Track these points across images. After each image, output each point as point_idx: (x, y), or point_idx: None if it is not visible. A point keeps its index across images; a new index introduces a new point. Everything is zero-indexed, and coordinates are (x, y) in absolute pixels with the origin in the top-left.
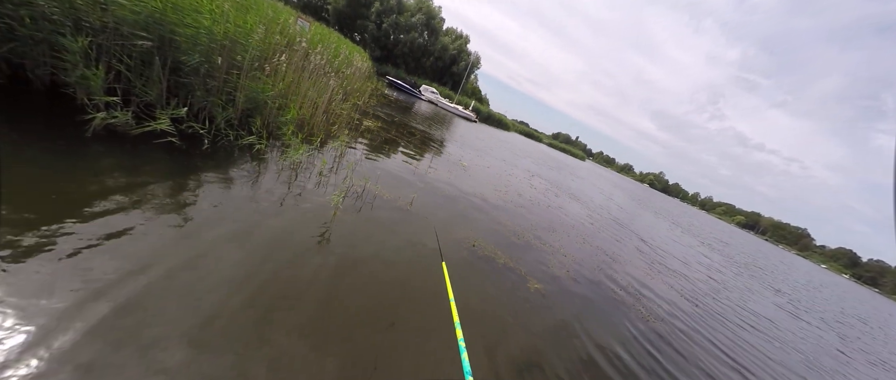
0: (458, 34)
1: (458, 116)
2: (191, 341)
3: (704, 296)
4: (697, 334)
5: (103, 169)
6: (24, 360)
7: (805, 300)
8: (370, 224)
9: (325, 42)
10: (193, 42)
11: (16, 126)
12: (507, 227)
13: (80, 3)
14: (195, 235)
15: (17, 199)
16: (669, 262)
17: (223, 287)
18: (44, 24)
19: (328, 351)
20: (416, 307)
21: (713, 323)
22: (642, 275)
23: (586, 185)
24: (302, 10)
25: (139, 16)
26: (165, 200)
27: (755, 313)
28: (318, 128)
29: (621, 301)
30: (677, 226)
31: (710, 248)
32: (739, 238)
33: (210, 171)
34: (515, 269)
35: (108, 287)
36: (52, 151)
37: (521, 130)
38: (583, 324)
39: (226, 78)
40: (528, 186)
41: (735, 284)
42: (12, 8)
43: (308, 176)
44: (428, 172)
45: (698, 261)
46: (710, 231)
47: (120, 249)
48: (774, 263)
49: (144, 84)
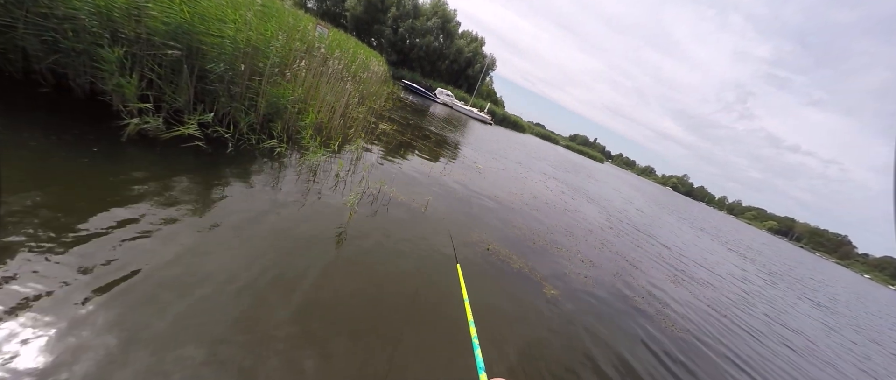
0: (473, 37)
1: (473, 118)
2: (204, 333)
3: (733, 308)
4: (727, 351)
5: (138, 171)
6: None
7: (850, 314)
8: (385, 226)
9: (343, 47)
10: (219, 50)
11: (63, 132)
12: (522, 230)
13: (117, 16)
14: (217, 234)
15: (70, 194)
16: (694, 270)
17: (239, 286)
18: (84, 36)
19: (342, 349)
20: (429, 308)
21: (747, 340)
22: (664, 283)
23: (605, 188)
24: (321, 17)
25: (169, 26)
26: (192, 202)
27: (792, 329)
28: (335, 131)
29: (642, 310)
30: (703, 231)
31: (740, 256)
32: (772, 245)
33: (234, 173)
34: (530, 274)
35: (137, 273)
36: (94, 155)
37: (537, 131)
38: (600, 333)
39: (248, 84)
40: (543, 188)
41: (768, 295)
42: (57, 22)
43: (325, 178)
44: (443, 175)
45: (728, 270)
46: (740, 238)
47: (146, 243)
48: (811, 273)
49: (174, 91)
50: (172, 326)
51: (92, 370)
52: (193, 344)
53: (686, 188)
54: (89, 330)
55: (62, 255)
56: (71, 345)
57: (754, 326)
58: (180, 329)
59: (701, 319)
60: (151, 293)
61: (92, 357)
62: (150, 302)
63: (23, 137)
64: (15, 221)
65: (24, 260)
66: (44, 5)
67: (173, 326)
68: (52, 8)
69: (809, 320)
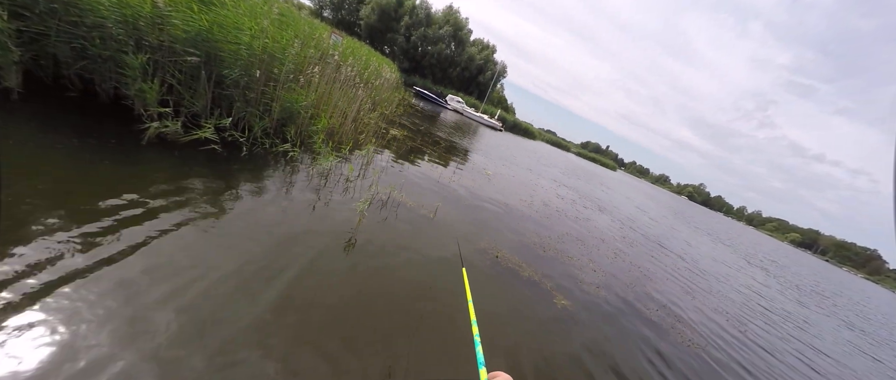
0: (485, 44)
1: (484, 124)
2: (206, 336)
3: (754, 324)
4: (747, 375)
5: (157, 172)
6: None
7: (888, 337)
8: (394, 232)
9: (356, 55)
10: (235, 57)
11: (88, 135)
12: (532, 238)
13: (143, 25)
14: (228, 234)
15: (93, 191)
16: (711, 284)
17: (250, 288)
18: (111, 43)
19: (350, 349)
20: (435, 313)
21: (767, 360)
22: (679, 296)
23: (617, 196)
24: (336, 25)
25: (189, 34)
26: (206, 204)
27: (819, 351)
28: (346, 137)
29: (657, 324)
30: (721, 242)
31: (763, 271)
32: (795, 258)
33: (247, 176)
34: (540, 283)
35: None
36: (117, 159)
37: (548, 138)
38: (612, 347)
39: (263, 90)
40: (554, 196)
41: (791, 311)
42: (86, 30)
43: (336, 183)
44: (452, 181)
45: (749, 285)
46: (761, 250)
47: (159, 239)
48: (839, 288)
49: (192, 96)
50: (177, 317)
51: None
52: (196, 334)
53: (703, 198)
54: (99, 304)
55: (77, 241)
56: (86, 319)
57: (776, 345)
58: (186, 322)
59: (718, 334)
60: (159, 288)
61: (93, 336)
62: (159, 300)
63: (54, 139)
64: (39, 212)
65: (42, 247)
66: (75, 14)
67: (178, 317)
68: (81, 17)
69: (849, 348)
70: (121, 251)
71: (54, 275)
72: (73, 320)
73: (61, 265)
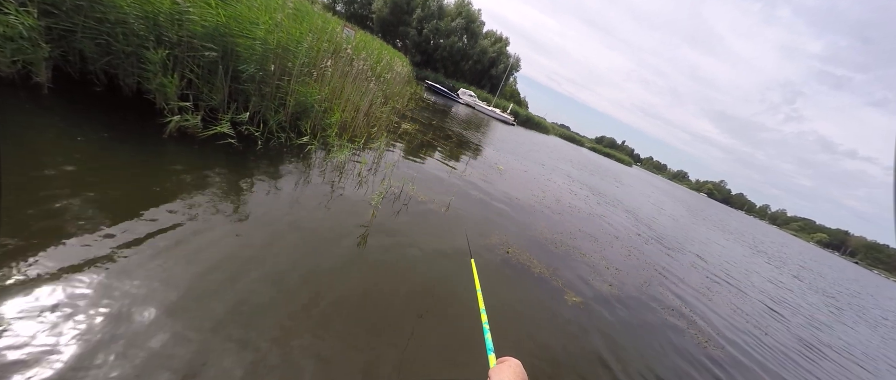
0: (498, 37)
1: (496, 118)
2: (220, 324)
3: (784, 336)
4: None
5: (179, 165)
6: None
7: None
8: (407, 226)
9: (368, 49)
10: (251, 51)
11: (113, 129)
12: (544, 234)
13: (163, 21)
14: (248, 229)
15: (119, 183)
16: (735, 285)
17: (268, 278)
18: (133, 39)
19: (359, 342)
20: (446, 306)
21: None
22: (696, 297)
23: (632, 192)
24: (348, 19)
25: (207, 29)
26: (223, 197)
27: (857, 358)
28: (358, 130)
29: (673, 326)
30: (745, 243)
31: (795, 278)
32: (823, 260)
33: (263, 170)
34: (552, 279)
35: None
36: (141, 151)
37: (562, 133)
38: (624, 345)
39: (278, 84)
40: (567, 191)
41: (820, 319)
42: (110, 26)
43: (349, 176)
44: (463, 176)
45: (781, 295)
46: (787, 252)
47: (177, 230)
48: (872, 294)
49: (210, 90)
50: (189, 300)
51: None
52: (210, 323)
53: (723, 195)
54: (129, 284)
55: (107, 229)
56: (118, 294)
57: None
58: (198, 304)
59: (744, 339)
60: (188, 271)
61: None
62: (188, 285)
63: (82, 131)
64: (69, 201)
65: (73, 234)
66: (99, 11)
67: (196, 302)
68: (105, 13)
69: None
70: (143, 238)
71: (87, 256)
72: (105, 299)
73: (97, 247)
